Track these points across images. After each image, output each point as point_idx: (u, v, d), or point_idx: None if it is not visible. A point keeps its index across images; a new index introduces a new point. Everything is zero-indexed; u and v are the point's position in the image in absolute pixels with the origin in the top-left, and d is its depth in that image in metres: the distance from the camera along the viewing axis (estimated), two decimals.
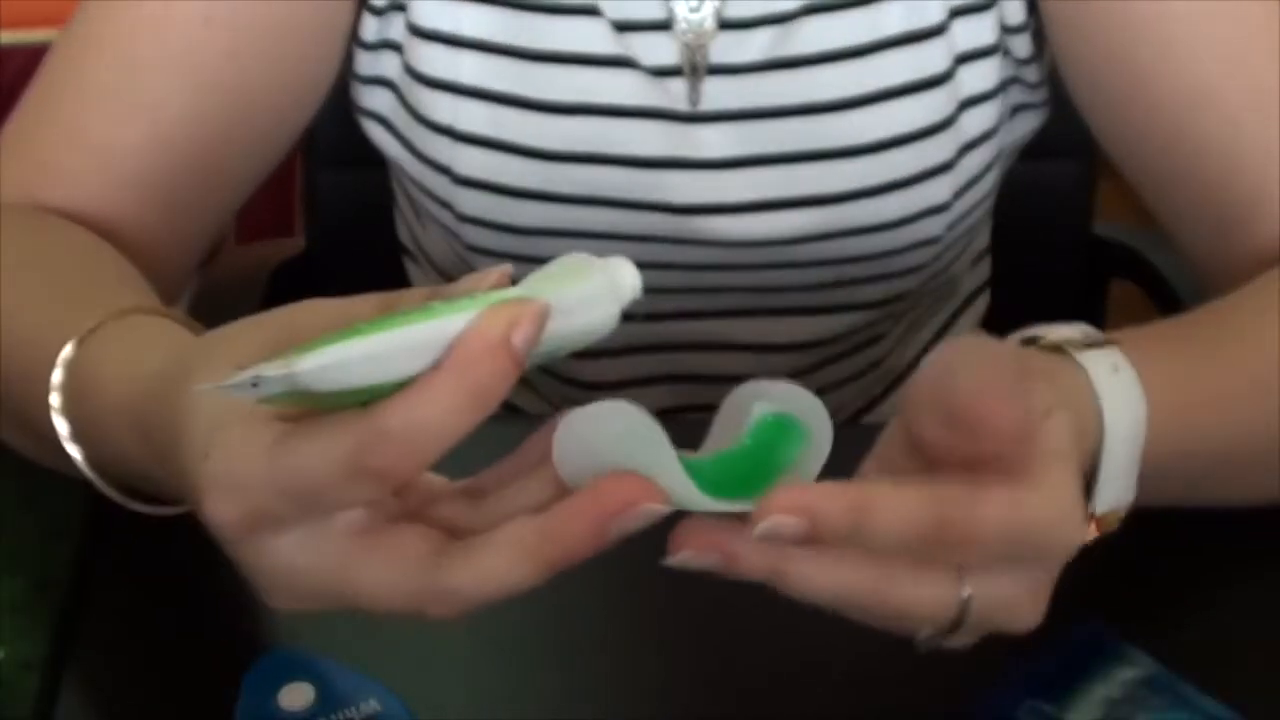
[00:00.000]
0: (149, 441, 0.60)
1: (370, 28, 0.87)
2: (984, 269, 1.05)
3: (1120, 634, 0.66)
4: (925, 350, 1.02)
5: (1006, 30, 0.87)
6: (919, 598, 0.56)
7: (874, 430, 0.60)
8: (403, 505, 0.54)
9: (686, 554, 0.55)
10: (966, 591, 0.56)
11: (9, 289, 0.74)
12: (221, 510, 0.53)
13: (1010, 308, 1.09)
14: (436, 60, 0.86)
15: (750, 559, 0.54)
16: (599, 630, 0.71)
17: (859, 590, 0.55)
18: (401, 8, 0.86)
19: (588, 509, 0.52)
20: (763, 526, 0.53)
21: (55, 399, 0.66)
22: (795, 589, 0.55)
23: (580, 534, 0.52)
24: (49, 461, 0.71)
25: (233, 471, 0.52)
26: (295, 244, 1.20)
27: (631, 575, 0.72)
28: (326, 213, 1.20)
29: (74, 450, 0.66)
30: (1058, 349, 0.65)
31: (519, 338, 0.50)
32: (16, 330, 0.72)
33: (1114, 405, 0.64)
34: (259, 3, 0.83)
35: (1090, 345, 0.65)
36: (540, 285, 0.53)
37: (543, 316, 0.51)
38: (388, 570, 0.53)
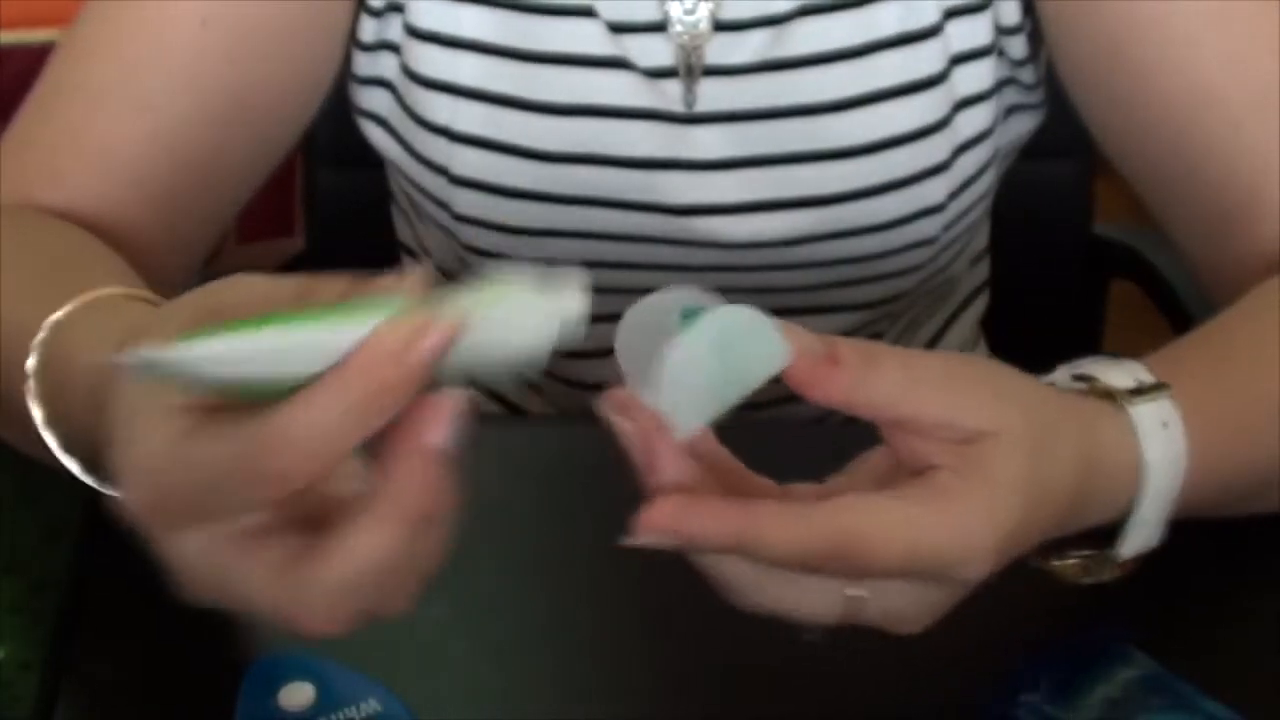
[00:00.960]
0: (101, 425, 0.59)
1: (368, 29, 0.87)
2: (983, 269, 1.05)
3: (1120, 634, 0.66)
4: (925, 350, 1.02)
5: (1002, 31, 0.87)
6: (796, 602, 0.58)
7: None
8: (307, 507, 0.53)
9: (647, 535, 0.55)
10: (859, 593, 0.57)
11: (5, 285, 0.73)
12: (134, 498, 0.53)
13: (1010, 307, 1.09)
14: (434, 61, 0.86)
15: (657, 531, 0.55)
16: (598, 631, 0.70)
17: (739, 580, 0.57)
18: (399, 9, 0.86)
19: (408, 440, 0.51)
20: (640, 540, 0.55)
21: (31, 384, 0.66)
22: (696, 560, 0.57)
23: (413, 469, 0.51)
24: (39, 454, 0.71)
25: (142, 462, 0.52)
26: (295, 244, 1.20)
27: (631, 576, 0.72)
28: (326, 213, 1.20)
29: (49, 436, 0.66)
30: (1109, 395, 0.65)
31: (419, 351, 0.50)
32: (3, 325, 0.72)
33: (1156, 462, 0.64)
34: (255, 5, 0.83)
35: (1140, 392, 0.65)
36: (469, 299, 0.51)
37: (449, 333, 0.50)
38: (253, 573, 0.52)
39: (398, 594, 0.54)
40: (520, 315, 0.51)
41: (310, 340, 0.50)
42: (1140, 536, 0.65)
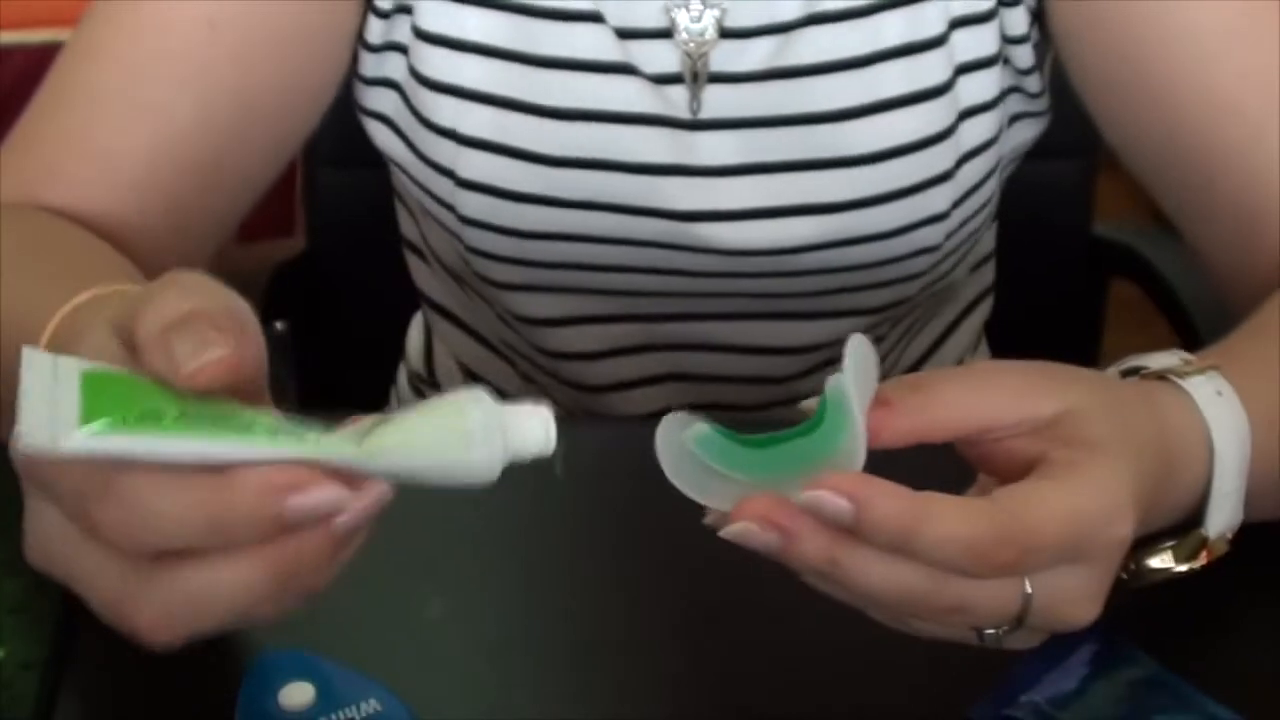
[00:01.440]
0: None
1: (375, 30, 0.87)
2: (987, 274, 1.05)
3: (1121, 634, 0.66)
4: (926, 353, 1.02)
5: (1008, 40, 0.87)
6: (977, 599, 0.56)
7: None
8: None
9: (744, 526, 0.54)
10: (1028, 589, 0.57)
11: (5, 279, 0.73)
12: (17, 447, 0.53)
13: (1011, 308, 1.09)
14: (441, 63, 0.86)
15: (808, 542, 0.54)
16: (599, 631, 0.71)
17: (916, 589, 0.55)
18: (407, 10, 0.86)
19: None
20: (808, 496, 0.53)
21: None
22: (849, 581, 0.55)
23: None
24: None
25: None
26: (295, 244, 1.20)
27: (631, 577, 0.72)
28: (326, 213, 1.20)
29: None
30: (1161, 377, 0.66)
31: (295, 504, 0.50)
32: (4, 323, 0.72)
33: (1221, 429, 0.65)
34: (263, 7, 0.82)
35: (1193, 372, 0.66)
36: (411, 432, 0.52)
37: (332, 504, 0.50)
38: (98, 556, 0.52)
39: (243, 619, 0.53)
40: (453, 458, 0.52)
41: (234, 456, 0.50)
42: (1224, 511, 0.66)
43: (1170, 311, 1.15)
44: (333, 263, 1.17)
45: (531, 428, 0.54)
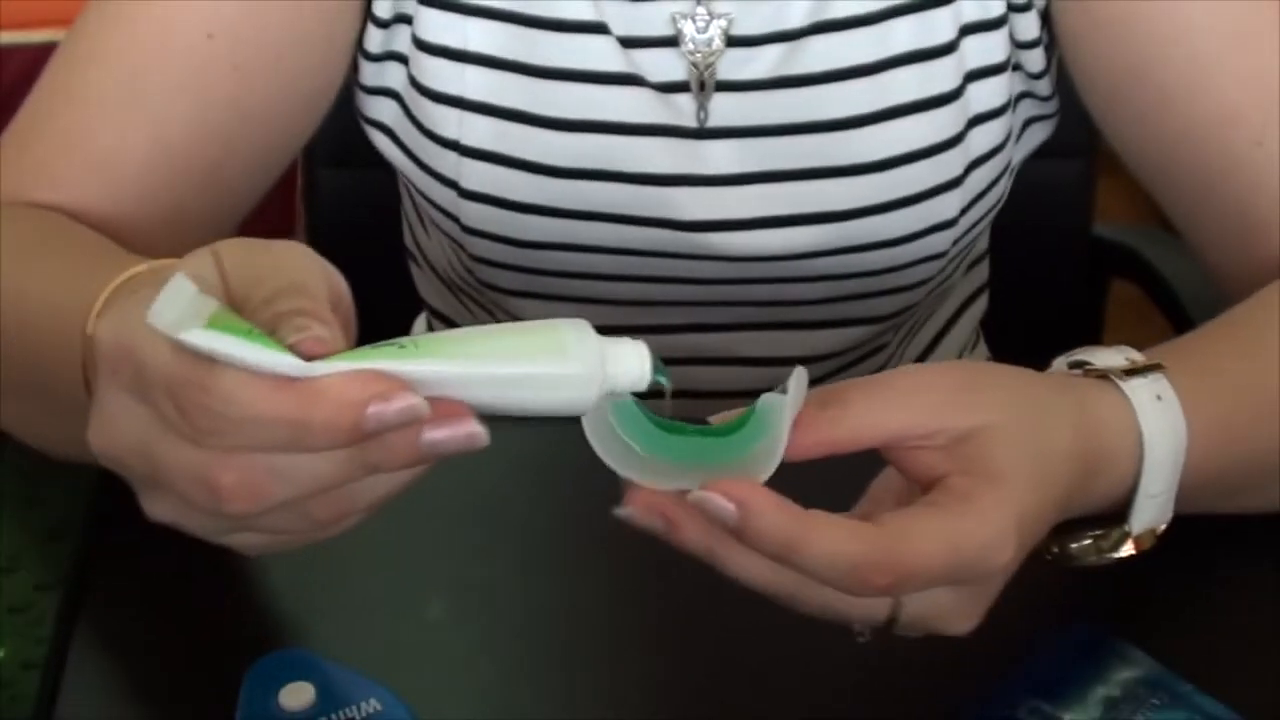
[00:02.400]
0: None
1: (375, 39, 0.86)
2: (982, 271, 1.05)
3: (1120, 634, 0.66)
4: (924, 352, 1.02)
5: (1019, 46, 0.87)
6: (847, 606, 0.59)
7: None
8: None
9: (632, 510, 0.57)
10: (900, 601, 0.59)
11: (10, 273, 0.73)
12: (103, 334, 0.54)
13: (1011, 308, 1.09)
14: (442, 74, 0.85)
15: (689, 531, 0.57)
16: (599, 631, 0.71)
17: (787, 588, 0.58)
18: (407, 20, 0.86)
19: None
20: (695, 496, 0.56)
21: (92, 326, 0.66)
22: (729, 571, 0.58)
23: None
24: (65, 439, 0.71)
25: (127, 319, 0.53)
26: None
27: (631, 577, 0.72)
28: (326, 213, 1.20)
29: None
30: (1104, 376, 0.67)
31: (374, 414, 0.50)
32: (22, 310, 0.72)
33: (1155, 434, 0.65)
34: (261, 16, 0.82)
35: (1134, 372, 0.67)
36: (501, 343, 0.52)
37: (412, 414, 0.51)
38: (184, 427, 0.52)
39: (331, 507, 0.54)
40: (558, 368, 0.52)
41: (287, 367, 0.51)
42: (1149, 510, 0.66)
43: (1170, 311, 1.15)
44: (333, 263, 1.17)
45: (628, 358, 0.54)
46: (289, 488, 0.52)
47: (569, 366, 0.52)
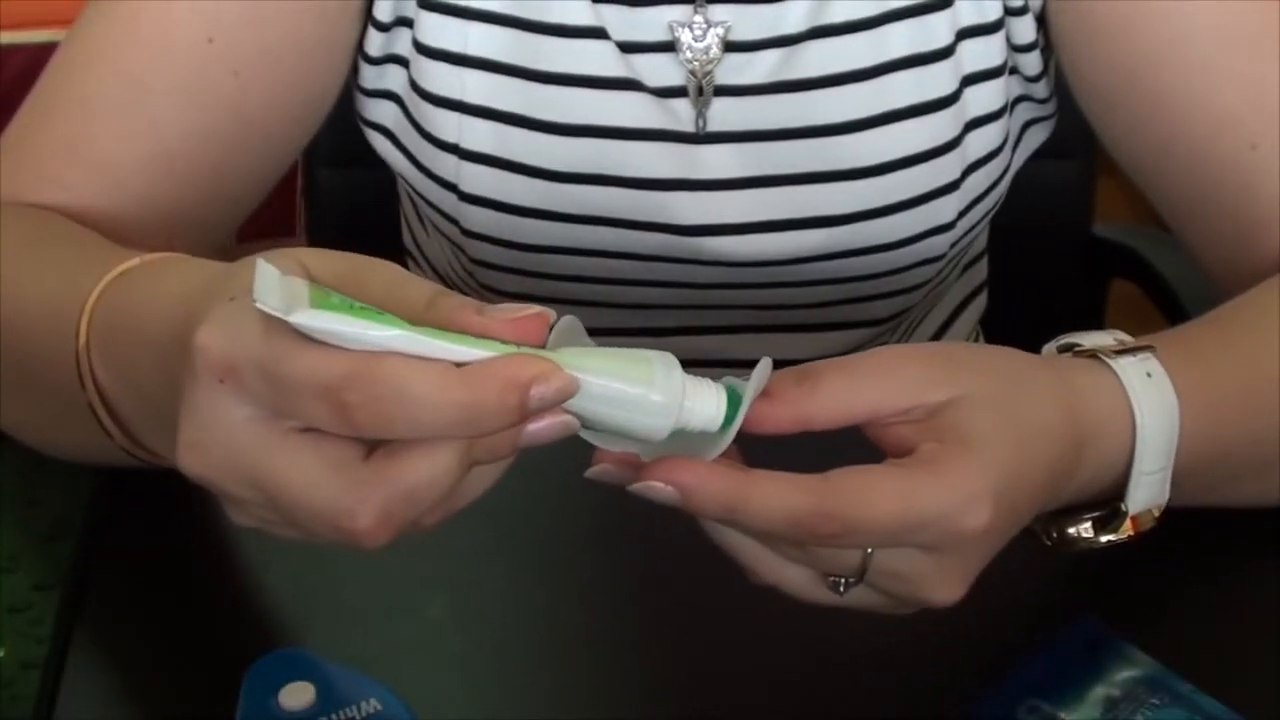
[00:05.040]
0: (166, 358, 0.58)
1: (375, 42, 0.86)
2: (980, 271, 1.05)
3: (1120, 634, 0.66)
4: None
5: (1015, 49, 0.87)
6: (812, 556, 0.60)
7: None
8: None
9: (604, 468, 0.57)
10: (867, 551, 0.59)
11: (9, 270, 0.73)
12: (209, 343, 0.53)
13: (1011, 308, 1.09)
14: (442, 78, 0.85)
15: (661, 492, 0.57)
16: (598, 630, 0.71)
17: (748, 552, 0.60)
18: (408, 23, 0.86)
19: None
20: (637, 487, 0.56)
21: (85, 321, 0.66)
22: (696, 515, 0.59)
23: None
24: (62, 437, 0.71)
25: (237, 325, 0.52)
26: (295, 245, 1.20)
27: (631, 577, 0.72)
28: (326, 213, 1.20)
29: (91, 383, 0.66)
30: (1092, 355, 0.67)
31: (536, 394, 0.51)
32: (22, 303, 0.71)
33: (1146, 410, 0.65)
34: (261, 20, 0.82)
35: (1124, 352, 0.67)
36: (602, 363, 0.53)
37: (566, 393, 0.52)
38: (313, 461, 0.52)
39: (439, 512, 0.54)
40: (641, 404, 0.54)
41: (456, 356, 0.51)
42: (1145, 488, 0.66)
43: (1170, 311, 1.15)
44: None
45: (706, 400, 0.55)
46: (419, 508, 0.52)
47: (653, 401, 0.54)
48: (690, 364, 0.94)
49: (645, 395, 0.54)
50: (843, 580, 0.60)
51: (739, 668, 0.68)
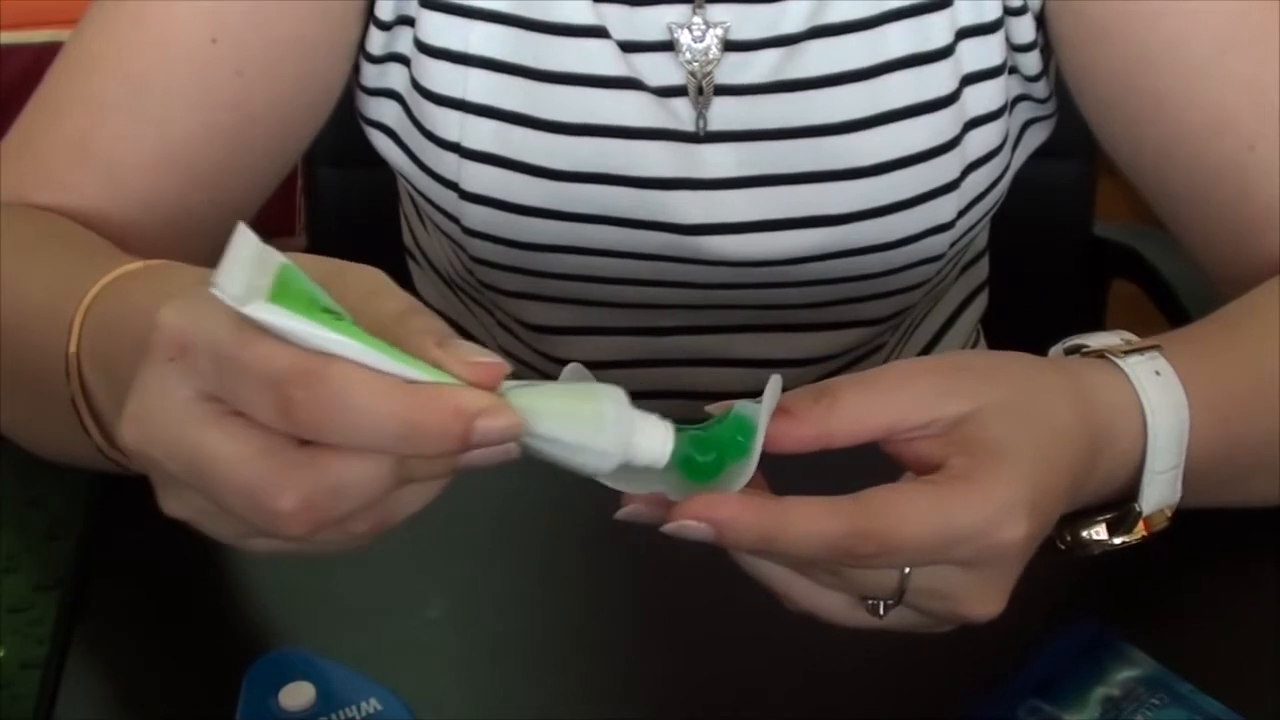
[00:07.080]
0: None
1: (377, 41, 0.86)
2: (981, 270, 1.05)
3: (1120, 634, 0.66)
4: (922, 352, 1.02)
5: (1015, 49, 0.87)
6: (850, 577, 0.59)
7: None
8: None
9: (634, 509, 0.57)
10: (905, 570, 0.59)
11: (8, 270, 0.73)
12: (167, 320, 0.53)
13: (1011, 308, 1.09)
14: (443, 76, 0.85)
15: (691, 524, 0.56)
16: (598, 630, 0.71)
17: (782, 580, 0.60)
18: (409, 22, 0.86)
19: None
20: (670, 528, 0.56)
21: (78, 322, 0.66)
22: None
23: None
24: (49, 438, 0.71)
25: (200, 306, 0.52)
26: (296, 244, 1.20)
27: (631, 577, 0.72)
28: (327, 213, 1.20)
29: (77, 380, 0.66)
30: (1100, 356, 0.67)
31: (481, 427, 0.51)
32: (18, 311, 0.71)
33: (1157, 408, 0.65)
34: (264, 21, 0.82)
35: (1132, 351, 0.67)
36: (550, 403, 0.53)
37: (510, 434, 0.52)
38: (244, 442, 0.51)
39: (369, 520, 0.53)
40: (587, 441, 0.53)
41: (402, 374, 0.51)
42: (1158, 487, 0.66)
43: (1170, 311, 1.15)
44: None
45: (653, 437, 0.55)
46: (344, 505, 0.52)
47: (600, 440, 0.54)
48: (690, 363, 0.95)
49: (590, 443, 0.53)
50: (881, 602, 0.60)
51: (739, 668, 0.68)
